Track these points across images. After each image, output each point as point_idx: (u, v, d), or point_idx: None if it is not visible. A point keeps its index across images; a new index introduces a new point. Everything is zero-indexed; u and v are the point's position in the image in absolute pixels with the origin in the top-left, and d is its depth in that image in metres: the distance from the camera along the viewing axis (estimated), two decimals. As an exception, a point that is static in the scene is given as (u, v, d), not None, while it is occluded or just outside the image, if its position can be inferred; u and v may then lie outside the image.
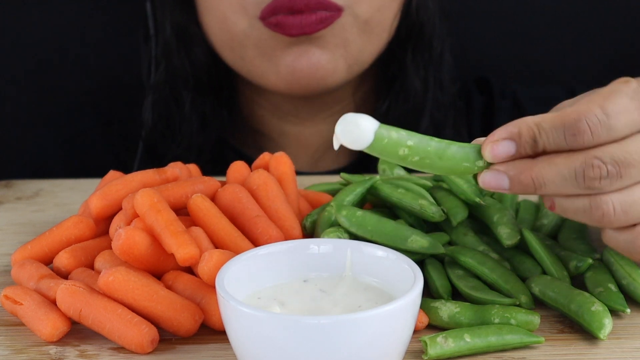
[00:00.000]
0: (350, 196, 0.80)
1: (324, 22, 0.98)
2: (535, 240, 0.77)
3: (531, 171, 0.65)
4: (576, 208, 0.66)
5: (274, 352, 0.59)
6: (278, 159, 0.83)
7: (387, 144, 0.65)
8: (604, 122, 0.64)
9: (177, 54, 1.09)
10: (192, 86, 1.10)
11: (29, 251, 0.78)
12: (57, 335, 0.69)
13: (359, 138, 0.65)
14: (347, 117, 0.65)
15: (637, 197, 0.65)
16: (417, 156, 0.66)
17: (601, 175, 0.64)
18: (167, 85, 1.10)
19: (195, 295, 0.71)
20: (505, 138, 0.65)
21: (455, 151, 0.67)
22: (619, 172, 0.64)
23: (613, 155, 0.64)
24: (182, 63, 1.10)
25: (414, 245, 0.74)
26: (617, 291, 0.73)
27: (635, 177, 0.64)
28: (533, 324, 0.69)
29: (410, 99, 1.11)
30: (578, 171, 0.64)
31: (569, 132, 0.64)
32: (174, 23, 1.09)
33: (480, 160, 0.67)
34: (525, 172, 0.65)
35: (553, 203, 0.67)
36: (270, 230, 0.74)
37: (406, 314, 0.60)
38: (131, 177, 0.80)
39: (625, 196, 0.65)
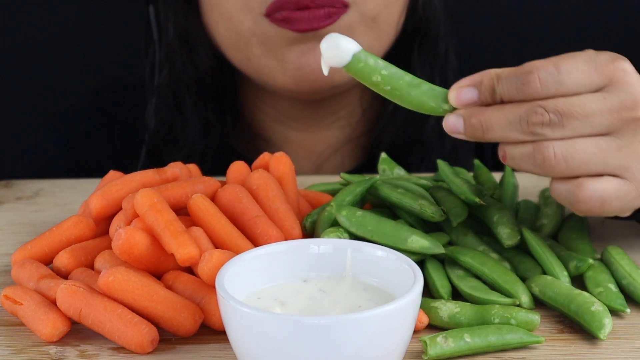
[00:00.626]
0: (350, 196, 0.80)
1: (331, 17, 0.97)
2: (535, 240, 0.77)
3: (481, 115, 0.70)
4: (522, 154, 0.69)
5: (274, 352, 0.59)
6: (278, 159, 0.83)
7: (363, 67, 0.71)
8: (554, 76, 0.68)
9: (180, 57, 1.09)
10: (194, 90, 1.09)
11: (29, 251, 0.78)
12: (57, 335, 0.69)
13: (338, 56, 0.71)
14: (332, 35, 0.71)
15: (578, 148, 0.68)
16: (389, 86, 0.71)
17: (543, 121, 0.68)
18: (170, 90, 1.10)
19: (195, 295, 0.71)
20: (469, 85, 0.71)
21: (425, 90, 0.72)
22: (561, 121, 0.68)
23: (557, 105, 0.68)
24: (185, 66, 1.09)
25: (414, 245, 0.74)
26: (617, 291, 0.73)
27: (577, 129, 0.68)
28: (533, 324, 0.69)
29: None
30: (522, 116, 0.68)
31: (520, 82, 0.69)
32: (177, 25, 1.08)
33: (446, 104, 0.72)
34: (476, 115, 0.70)
35: (504, 152, 0.71)
36: (270, 230, 0.74)
37: (406, 314, 0.60)
38: (131, 177, 0.80)
39: (566, 144, 0.68)
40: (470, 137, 0.71)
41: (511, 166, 0.71)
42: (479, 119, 0.70)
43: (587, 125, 0.69)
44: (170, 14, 1.09)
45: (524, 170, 0.71)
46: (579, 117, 0.68)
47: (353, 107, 1.11)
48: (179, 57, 1.09)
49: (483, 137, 0.70)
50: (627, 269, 0.76)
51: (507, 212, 0.80)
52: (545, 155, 0.69)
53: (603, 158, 0.69)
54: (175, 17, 1.08)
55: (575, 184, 0.70)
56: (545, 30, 1.35)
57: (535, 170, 0.70)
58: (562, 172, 0.69)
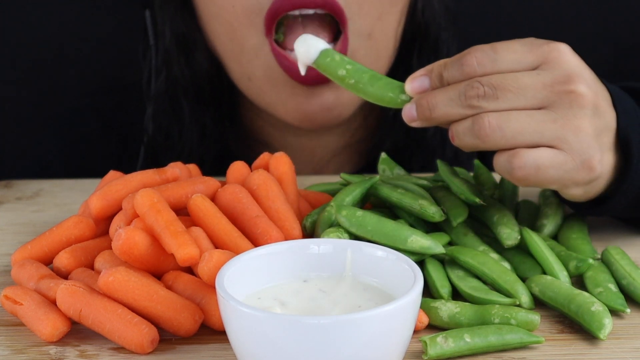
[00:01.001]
0: (350, 196, 0.80)
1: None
2: (536, 240, 0.77)
3: (428, 96, 0.75)
4: (464, 128, 0.74)
5: (274, 352, 0.59)
6: (278, 159, 0.83)
7: (330, 62, 0.79)
8: (489, 55, 0.74)
9: (177, 62, 1.07)
10: (192, 96, 1.08)
11: (29, 251, 0.78)
12: (57, 336, 0.69)
13: (307, 53, 0.80)
14: (303, 36, 0.80)
15: (512, 118, 0.72)
16: (353, 79, 0.79)
17: (478, 94, 0.73)
18: (167, 96, 1.09)
19: (195, 295, 0.71)
20: (422, 74, 0.77)
21: (385, 82, 0.79)
22: (495, 94, 0.73)
23: (491, 80, 0.73)
24: (182, 72, 1.07)
25: (414, 245, 0.74)
26: (617, 291, 0.74)
27: (511, 101, 0.73)
28: (533, 324, 0.69)
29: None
30: (461, 91, 0.74)
31: (459, 63, 0.75)
32: (174, 30, 1.06)
33: (403, 94, 0.78)
34: (424, 97, 0.76)
35: (452, 133, 0.75)
36: (270, 230, 0.74)
37: (406, 314, 0.60)
38: (131, 177, 0.80)
39: (501, 115, 0.72)
40: (421, 119, 0.76)
41: (458, 145, 0.75)
42: (426, 100, 0.75)
43: (521, 98, 0.73)
44: (167, 18, 1.07)
45: (467, 145, 0.74)
46: (513, 90, 0.73)
47: (354, 114, 1.11)
48: (176, 62, 1.07)
49: (430, 116, 0.75)
50: (627, 269, 0.76)
51: (507, 212, 0.80)
52: (481, 124, 0.72)
53: (538, 129, 0.72)
54: (172, 22, 1.06)
55: (512, 152, 0.73)
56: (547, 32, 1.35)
57: (474, 142, 0.73)
58: (497, 141, 0.72)
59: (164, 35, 1.07)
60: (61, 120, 1.23)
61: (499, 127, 0.72)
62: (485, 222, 0.81)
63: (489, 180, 0.89)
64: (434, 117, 0.75)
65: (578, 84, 0.73)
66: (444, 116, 0.75)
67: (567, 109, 0.73)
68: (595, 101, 0.74)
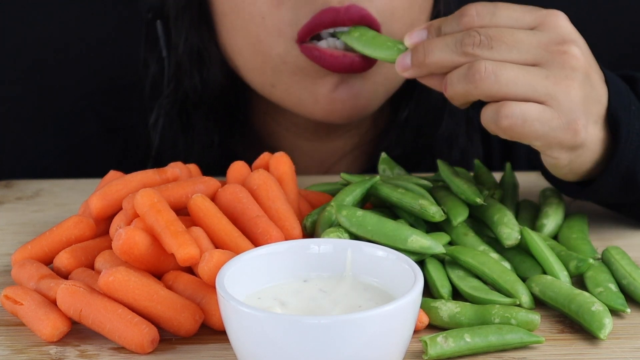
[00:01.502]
0: (351, 196, 0.80)
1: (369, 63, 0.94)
2: (536, 240, 0.77)
3: (424, 43, 0.78)
4: (458, 75, 0.75)
5: (274, 352, 0.59)
6: (278, 159, 0.83)
7: None
8: (489, 9, 0.77)
9: (189, 75, 1.06)
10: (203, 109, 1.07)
11: (29, 251, 0.78)
12: (57, 335, 0.69)
13: None
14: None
15: (508, 68, 0.74)
16: (358, 33, 0.88)
17: (474, 42, 0.75)
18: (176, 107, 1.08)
19: (195, 295, 0.71)
20: (422, 28, 0.80)
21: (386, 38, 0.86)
22: (490, 44, 0.75)
23: (488, 31, 0.75)
24: (194, 85, 1.06)
25: (414, 245, 0.74)
26: (617, 291, 0.74)
27: (505, 53, 0.75)
28: (533, 324, 0.69)
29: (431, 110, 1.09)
30: (457, 39, 0.76)
31: (459, 14, 0.77)
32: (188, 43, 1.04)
33: (401, 44, 0.82)
34: (420, 44, 0.78)
35: (446, 81, 0.77)
36: (270, 230, 0.74)
37: (406, 314, 0.60)
38: (131, 177, 0.80)
39: (496, 64, 0.74)
40: (414, 66, 0.78)
41: (450, 94, 0.76)
42: (422, 45, 0.78)
43: (515, 51, 0.75)
44: (181, 32, 1.05)
45: (459, 93, 0.76)
46: (508, 43, 0.75)
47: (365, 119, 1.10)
48: (187, 75, 1.06)
49: (424, 61, 0.77)
50: (627, 269, 0.76)
51: (507, 212, 0.80)
52: (476, 69, 0.74)
53: (531, 82, 0.74)
54: (187, 36, 1.04)
55: (501, 102, 0.74)
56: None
57: (467, 88, 0.75)
58: (490, 86, 0.74)
59: (176, 48, 1.06)
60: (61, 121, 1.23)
61: (494, 72, 0.74)
62: (485, 222, 0.81)
63: (489, 180, 0.89)
64: (428, 63, 0.77)
65: (572, 47, 0.75)
66: (438, 62, 0.77)
67: (559, 69, 0.75)
68: (587, 69, 0.76)
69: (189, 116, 1.07)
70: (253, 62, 0.99)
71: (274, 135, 1.11)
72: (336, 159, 1.12)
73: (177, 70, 1.06)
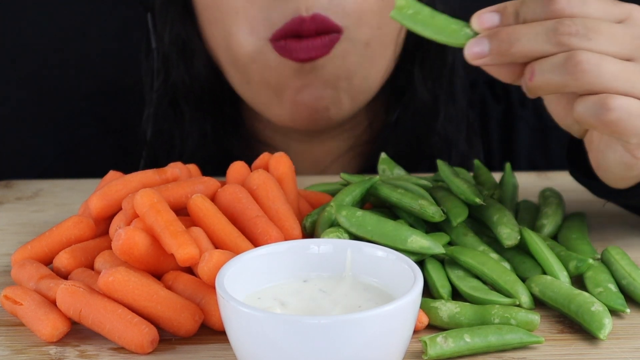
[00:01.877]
0: (350, 196, 0.80)
1: (327, 46, 0.96)
2: (535, 240, 0.77)
3: (507, 28, 0.70)
4: (552, 64, 0.69)
5: (274, 352, 0.59)
6: (278, 159, 0.83)
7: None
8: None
9: (176, 67, 1.07)
10: (192, 101, 1.08)
11: (29, 251, 0.78)
12: (57, 336, 0.69)
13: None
14: None
15: (610, 62, 0.69)
16: (412, 10, 0.74)
17: (571, 31, 0.68)
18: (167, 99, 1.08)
19: (195, 296, 0.71)
20: (492, 11, 0.72)
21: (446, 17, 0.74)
22: (588, 34, 0.69)
23: (585, 22, 0.69)
24: (182, 77, 1.07)
25: (414, 245, 0.74)
26: (617, 291, 0.73)
27: (603, 45, 0.69)
28: (533, 324, 0.69)
29: (419, 112, 1.09)
30: (550, 27, 0.69)
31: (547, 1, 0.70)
32: (173, 35, 1.06)
33: (467, 28, 0.73)
34: (502, 30, 0.70)
35: (533, 70, 0.70)
36: (270, 230, 0.74)
37: (406, 314, 0.60)
38: (131, 177, 0.80)
39: (599, 57, 0.68)
40: (495, 54, 0.70)
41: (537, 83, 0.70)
42: (506, 32, 0.70)
43: (612, 45, 0.69)
44: (167, 23, 1.06)
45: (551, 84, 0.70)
46: (605, 35, 0.69)
47: (358, 121, 1.10)
48: (175, 67, 1.07)
49: (509, 50, 0.70)
50: (627, 269, 0.76)
51: (507, 212, 0.80)
52: (577, 59, 0.68)
53: (630, 78, 0.69)
54: (171, 27, 1.06)
55: (604, 95, 0.69)
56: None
57: (563, 79, 0.69)
58: (592, 80, 0.69)
59: (163, 40, 1.07)
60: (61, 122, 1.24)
61: (597, 65, 0.68)
62: (485, 222, 0.81)
63: (488, 180, 0.89)
64: (514, 52, 0.70)
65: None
66: (527, 51, 0.70)
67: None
68: None
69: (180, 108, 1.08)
70: (228, 56, 1.01)
71: (264, 134, 1.11)
72: (331, 160, 1.12)
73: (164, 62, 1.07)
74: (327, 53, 0.97)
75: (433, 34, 0.74)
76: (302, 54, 0.96)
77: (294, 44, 0.96)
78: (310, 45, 0.95)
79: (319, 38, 0.96)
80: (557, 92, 0.71)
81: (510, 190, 0.88)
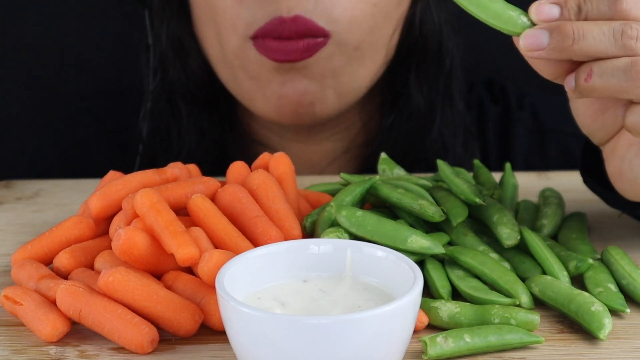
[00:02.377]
0: (350, 196, 0.80)
1: (309, 51, 0.95)
2: (535, 240, 0.77)
3: (572, 23, 0.67)
4: (615, 67, 0.67)
5: (274, 352, 0.59)
6: (278, 159, 0.83)
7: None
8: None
9: (173, 65, 1.07)
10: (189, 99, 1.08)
11: (29, 251, 0.78)
12: (57, 336, 0.69)
13: None
14: None
15: None
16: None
17: (638, 36, 0.66)
18: (164, 97, 1.09)
19: (195, 295, 0.71)
20: (552, 2, 0.69)
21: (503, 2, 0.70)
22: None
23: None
24: (178, 76, 1.08)
25: (414, 245, 0.74)
26: (617, 291, 0.74)
27: None
28: (533, 324, 0.69)
29: (414, 117, 1.08)
30: (617, 28, 0.67)
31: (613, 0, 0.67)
32: (170, 34, 1.06)
33: (524, 17, 0.70)
34: (567, 24, 0.68)
35: (592, 70, 0.68)
36: (270, 230, 0.74)
37: (406, 314, 0.60)
38: (131, 177, 0.80)
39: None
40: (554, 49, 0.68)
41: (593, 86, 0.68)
42: (571, 27, 0.67)
43: None
44: (163, 21, 1.07)
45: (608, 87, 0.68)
46: None
47: (352, 122, 1.10)
48: (172, 65, 1.07)
49: (572, 46, 0.68)
50: (627, 269, 0.76)
51: (507, 212, 0.80)
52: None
53: None
54: (168, 26, 1.06)
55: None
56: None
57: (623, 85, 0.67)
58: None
59: (160, 38, 1.07)
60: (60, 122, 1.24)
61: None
62: (485, 222, 0.81)
63: (489, 180, 0.89)
64: (575, 49, 0.68)
65: None
66: (590, 49, 0.68)
67: None
68: None
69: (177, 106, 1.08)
70: (217, 54, 1.01)
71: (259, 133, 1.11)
72: (327, 162, 1.11)
73: (161, 61, 1.07)
74: (308, 57, 0.96)
75: (489, 17, 0.71)
76: (280, 55, 0.96)
77: (273, 43, 0.95)
78: (290, 47, 0.95)
79: (301, 41, 0.95)
80: (612, 96, 0.69)
81: (510, 190, 0.88)
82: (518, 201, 0.89)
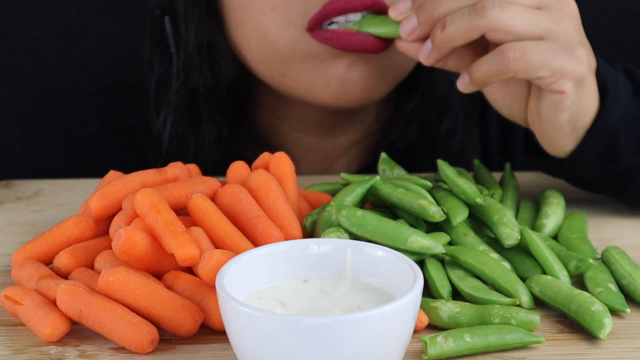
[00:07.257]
0: (350, 196, 0.80)
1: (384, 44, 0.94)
2: (536, 240, 0.77)
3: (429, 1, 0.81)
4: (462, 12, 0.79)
5: (274, 352, 0.59)
6: (278, 159, 0.83)
7: None
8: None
9: (199, 69, 1.06)
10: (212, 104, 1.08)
11: (29, 251, 0.78)
12: (57, 336, 0.69)
13: None
14: None
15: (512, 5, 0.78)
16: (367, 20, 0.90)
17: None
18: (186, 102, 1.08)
19: (195, 295, 0.71)
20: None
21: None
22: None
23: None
24: (204, 79, 1.07)
25: (414, 245, 0.74)
26: (617, 291, 0.74)
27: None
28: (533, 324, 0.69)
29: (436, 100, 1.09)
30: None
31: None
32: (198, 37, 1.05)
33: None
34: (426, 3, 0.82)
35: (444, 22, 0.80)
36: (270, 230, 0.74)
37: (406, 314, 0.61)
38: (131, 177, 0.80)
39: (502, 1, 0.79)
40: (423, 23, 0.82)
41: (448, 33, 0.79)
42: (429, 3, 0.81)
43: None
44: (191, 26, 1.06)
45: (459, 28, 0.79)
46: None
47: (369, 113, 1.10)
48: (197, 69, 1.07)
49: (433, 14, 0.81)
50: (627, 269, 0.76)
51: (507, 212, 0.80)
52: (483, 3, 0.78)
53: (531, 18, 0.79)
54: (197, 29, 1.05)
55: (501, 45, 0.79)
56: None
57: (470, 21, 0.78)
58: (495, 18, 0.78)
59: (186, 43, 1.06)
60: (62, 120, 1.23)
61: (500, 6, 0.78)
62: (485, 222, 0.81)
63: (489, 180, 0.89)
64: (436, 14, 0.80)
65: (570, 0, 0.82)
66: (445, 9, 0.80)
67: (558, 13, 0.80)
68: (579, 21, 0.82)
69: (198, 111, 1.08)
70: (261, 54, 1.00)
71: (277, 132, 1.11)
72: (339, 153, 1.12)
73: (186, 65, 1.07)
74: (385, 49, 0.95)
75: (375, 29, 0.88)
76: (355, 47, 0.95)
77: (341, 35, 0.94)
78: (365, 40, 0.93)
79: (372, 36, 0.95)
80: (466, 39, 0.79)
81: (511, 190, 0.88)
82: (518, 201, 0.89)
